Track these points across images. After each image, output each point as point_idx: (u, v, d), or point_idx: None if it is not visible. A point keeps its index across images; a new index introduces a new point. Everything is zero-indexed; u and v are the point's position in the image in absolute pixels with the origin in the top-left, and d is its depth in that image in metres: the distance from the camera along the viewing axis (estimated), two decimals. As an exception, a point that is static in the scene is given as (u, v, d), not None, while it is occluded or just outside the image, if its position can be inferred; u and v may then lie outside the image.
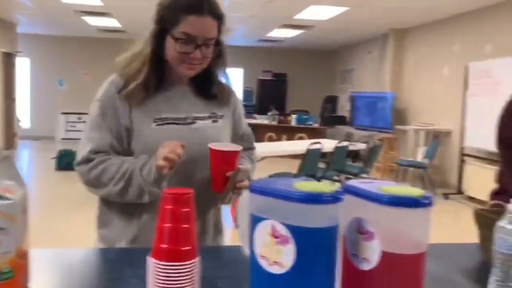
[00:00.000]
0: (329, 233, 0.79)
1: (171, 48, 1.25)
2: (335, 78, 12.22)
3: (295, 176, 4.82)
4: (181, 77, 1.34)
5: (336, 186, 0.81)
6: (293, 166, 4.91)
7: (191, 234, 0.78)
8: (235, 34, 10.09)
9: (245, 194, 0.84)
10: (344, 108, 10.99)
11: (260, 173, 1.49)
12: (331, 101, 11.72)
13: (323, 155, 5.37)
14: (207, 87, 1.39)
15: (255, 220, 0.82)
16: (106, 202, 1.32)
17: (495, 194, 1.38)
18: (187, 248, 0.77)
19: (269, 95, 12.12)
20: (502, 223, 0.92)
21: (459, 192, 6.45)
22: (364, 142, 7.37)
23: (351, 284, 0.86)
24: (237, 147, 1.32)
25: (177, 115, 1.32)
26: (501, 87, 5.47)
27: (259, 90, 12.49)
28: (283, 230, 0.78)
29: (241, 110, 1.54)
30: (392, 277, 0.80)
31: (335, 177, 5.68)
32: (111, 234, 1.32)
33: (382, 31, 8.96)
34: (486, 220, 1.10)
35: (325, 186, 0.79)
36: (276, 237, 0.79)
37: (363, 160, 6.32)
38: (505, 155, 1.43)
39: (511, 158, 1.41)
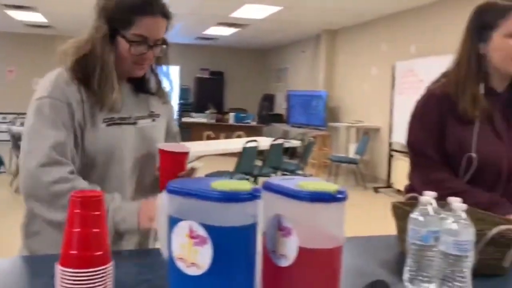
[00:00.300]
0: (247, 231, 0.79)
1: (123, 50, 1.21)
2: (271, 77, 12.37)
3: (232, 174, 4.82)
4: (123, 75, 1.28)
5: (253, 185, 0.81)
6: (231, 165, 4.91)
7: (102, 239, 0.75)
8: (171, 31, 9.90)
9: (163, 196, 0.82)
10: (281, 106, 11.15)
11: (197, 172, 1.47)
12: (268, 99, 11.85)
13: (260, 152, 5.41)
14: (146, 84, 1.36)
15: (173, 222, 0.80)
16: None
17: (409, 189, 1.46)
18: (98, 253, 0.74)
19: (207, 93, 12.03)
20: (414, 215, 0.96)
21: (388, 185, 6.77)
22: (299, 140, 7.53)
23: (270, 282, 0.87)
24: (186, 148, 1.29)
25: (121, 115, 1.27)
26: (424, 85, 5.72)
27: (197, 88, 12.37)
28: (200, 231, 0.76)
29: (173, 108, 1.51)
30: (309, 272, 0.81)
31: (272, 174, 5.75)
32: (41, 245, 1.24)
33: (315, 32, 9.19)
34: (402, 212, 1.15)
35: (242, 185, 0.79)
36: (193, 238, 0.77)
37: (299, 157, 6.45)
38: (411, 157, 1.53)
39: (416, 161, 1.51)
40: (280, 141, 5.54)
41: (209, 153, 5.34)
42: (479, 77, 1.41)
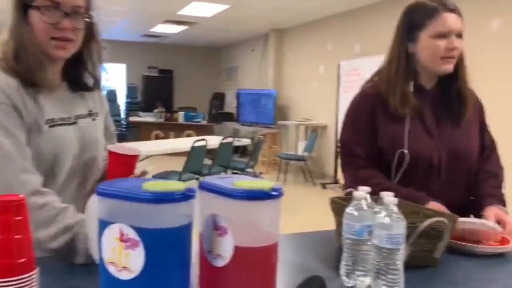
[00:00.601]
0: (181, 232, 0.77)
1: (36, 22, 1.11)
2: (222, 75, 12.33)
3: (180, 173, 4.76)
4: (56, 72, 1.21)
5: (187, 184, 0.79)
6: (180, 164, 4.85)
7: (26, 245, 0.71)
8: (117, 28, 9.65)
9: (93, 198, 0.79)
10: (231, 105, 11.14)
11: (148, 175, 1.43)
12: (218, 98, 11.81)
13: (210, 151, 5.38)
14: (81, 80, 1.27)
15: (103, 225, 0.77)
16: None
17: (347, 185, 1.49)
18: (21, 261, 0.70)
19: (155, 92, 11.80)
20: (349, 209, 0.98)
21: (335, 181, 6.93)
22: (249, 138, 7.55)
23: (207, 282, 0.85)
24: (137, 151, 1.24)
25: (61, 115, 1.20)
26: (368, 84, 5.96)
27: (145, 86, 12.11)
28: (132, 234, 0.74)
29: (107, 105, 1.45)
30: (245, 271, 0.81)
31: (222, 173, 5.74)
32: None
33: (264, 31, 9.25)
34: (339, 207, 1.18)
35: (175, 185, 0.77)
36: (124, 241, 0.75)
37: (249, 155, 6.47)
38: (341, 155, 1.58)
39: (346, 159, 1.56)
40: (229, 139, 5.53)
41: (158, 153, 5.25)
42: (408, 75, 1.46)
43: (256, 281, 0.82)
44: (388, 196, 0.94)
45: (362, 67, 6.22)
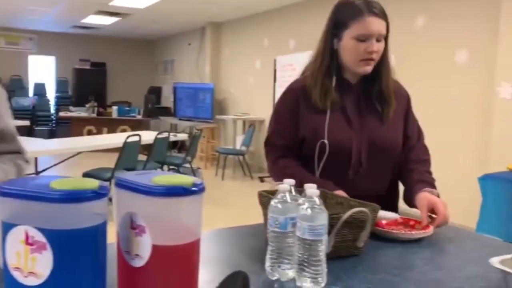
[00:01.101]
0: (93, 233, 0.73)
1: None
2: (158, 69, 12.06)
3: (113, 171, 4.60)
4: None
5: (100, 182, 0.75)
6: (114, 161, 4.68)
7: None
8: (46, 18, 9.12)
9: None
10: (168, 99, 10.92)
11: (74, 170, 1.34)
12: (155, 92, 11.53)
13: (146, 147, 5.24)
14: None
15: (6, 228, 0.71)
16: None
17: None
18: None
19: (87, 85, 11.31)
20: (273, 202, 0.98)
21: (273, 175, 7.00)
22: (187, 133, 7.43)
23: (126, 284, 0.82)
24: None
25: None
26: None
27: (76, 80, 11.57)
28: (38, 236, 0.69)
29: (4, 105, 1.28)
30: (165, 271, 0.78)
31: (158, 169, 5.61)
32: None
33: (200, 24, 9.14)
34: (267, 200, 1.17)
35: (86, 183, 0.73)
36: (30, 244, 0.70)
37: (186, 150, 6.38)
38: (265, 147, 1.63)
39: (266, 148, 1.61)
40: (165, 134, 5.41)
41: (90, 149, 5.04)
42: (331, 70, 1.49)
43: (177, 280, 0.79)
44: (311, 188, 0.95)
45: (297, 62, 6.32)
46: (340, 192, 1.39)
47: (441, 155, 4.46)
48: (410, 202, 1.48)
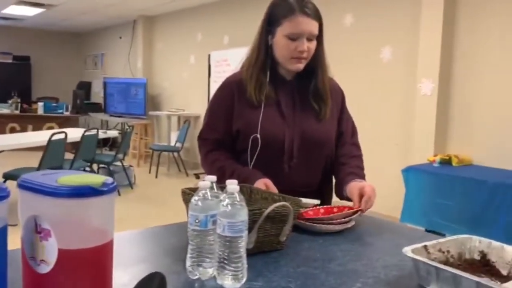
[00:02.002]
0: (-10, 239, 0.68)
1: None
2: (87, 63, 11.54)
3: (37, 170, 4.34)
4: None
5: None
6: (39, 159, 4.42)
7: None
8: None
9: None
10: (98, 95, 10.50)
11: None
12: (84, 87, 11.02)
13: (75, 145, 5.00)
14: None
15: None
16: None
17: None
18: None
19: (10, 80, 10.57)
20: (193, 200, 0.96)
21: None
22: (118, 129, 7.19)
23: (31, 292, 0.76)
24: None
25: None
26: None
27: (-4, 74, 10.79)
28: None
29: None
30: (74, 276, 0.73)
31: (87, 168, 5.38)
32: None
33: (132, 17, 8.86)
34: (190, 198, 1.15)
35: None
36: None
37: (118, 148, 6.17)
38: (198, 142, 1.65)
39: (198, 141, 1.63)
40: (93, 131, 5.19)
41: (12, 148, 4.73)
42: (266, 65, 1.51)
43: (87, 285, 0.75)
44: (232, 184, 0.94)
45: (232, 58, 6.31)
46: (266, 181, 1.40)
47: (368, 149, 4.65)
48: (341, 194, 1.53)
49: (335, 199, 1.62)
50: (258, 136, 1.47)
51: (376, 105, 4.72)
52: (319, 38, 1.50)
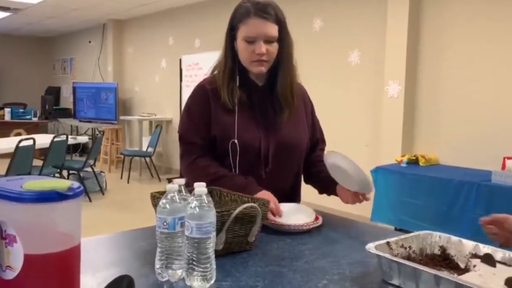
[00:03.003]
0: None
1: None
2: (56, 68, 11.32)
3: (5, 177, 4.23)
4: None
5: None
6: (5, 167, 4.31)
7: None
8: None
9: None
10: (68, 100, 10.29)
11: None
12: (53, 92, 10.79)
13: (44, 151, 4.89)
14: None
15: None
16: None
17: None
18: None
19: (-26, 86, 10.29)
20: (161, 203, 0.97)
21: (181, 175, 6.91)
22: (88, 135, 7.07)
23: (-4, 298, 0.76)
24: None
25: None
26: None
27: (-41, 80, 10.45)
28: None
29: None
30: (40, 282, 0.74)
31: (57, 175, 5.27)
32: None
33: (101, 21, 8.74)
34: (159, 201, 1.16)
35: None
36: None
37: (88, 153, 6.07)
38: (180, 147, 1.62)
39: (183, 150, 1.59)
40: (63, 137, 5.10)
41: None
42: (235, 72, 1.53)
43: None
44: (200, 187, 0.95)
45: (203, 61, 6.31)
46: (265, 194, 1.41)
47: (339, 150, 4.72)
48: (330, 191, 1.58)
49: (304, 200, 1.65)
50: (236, 141, 1.48)
51: (346, 107, 4.80)
52: (282, 41, 1.50)
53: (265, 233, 1.29)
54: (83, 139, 6.22)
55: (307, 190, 1.70)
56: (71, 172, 5.79)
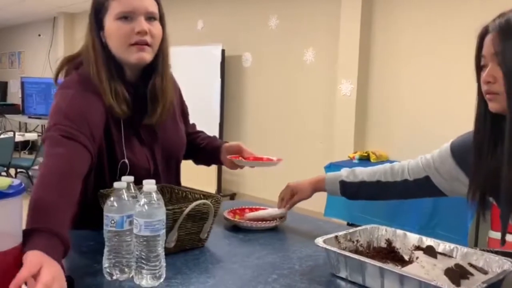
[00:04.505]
0: None
1: None
2: (3, 61, 10.80)
3: None
4: None
5: None
6: None
7: None
8: None
9: None
10: (16, 96, 9.85)
11: None
12: (0, 87, 10.30)
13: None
14: None
15: None
16: None
17: None
18: None
19: None
20: (109, 201, 0.95)
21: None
22: (38, 132, 6.79)
23: None
24: None
25: None
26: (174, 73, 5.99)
27: None
28: None
29: None
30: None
31: (3, 173, 5.04)
32: None
33: (52, 14, 8.42)
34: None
35: None
36: None
37: (37, 151, 5.83)
38: None
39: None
40: (10, 134, 4.88)
41: None
42: (110, 67, 1.22)
43: (-7, 291, 0.72)
44: (150, 184, 0.94)
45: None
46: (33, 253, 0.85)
47: (294, 147, 4.80)
48: (216, 160, 1.51)
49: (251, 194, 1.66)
50: (126, 161, 1.24)
51: (301, 105, 4.87)
52: (163, 25, 1.26)
53: (218, 229, 1.29)
54: (32, 136, 5.98)
55: (262, 186, 1.71)
56: (19, 170, 5.56)
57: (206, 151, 1.53)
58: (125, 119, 1.25)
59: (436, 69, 3.86)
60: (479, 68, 1.02)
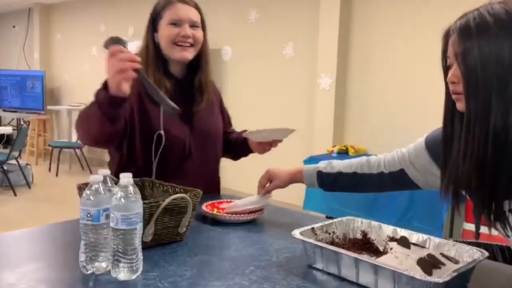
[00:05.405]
0: None
1: None
2: (-25, 53, 10.51)
3: None
4: None
5: None
6: None
7: None
8: None
9: None
10: (-11, 88, 9.61)
11: None
12: (-28, 80, 10.03)
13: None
14: None
15: None
16: None
17: None
18: None
19: None
20: (85, 194, 0.94)
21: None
22: (13, 125, 6.64)
23: None
24: None
25: None
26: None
27: None
28: None
29: None
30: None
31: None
32: None
33: (27, 5, 8.23)
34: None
35: None
36: None
37: (12, 145, 5.71)
38: None
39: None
40: (-17, 128, 4.76)
41: None
42: (158, 63, 1.53)
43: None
44: (127, 177, 0.94)
45: (137, 49, 6.13)
46: None
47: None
48: (247, 149, 1.68)
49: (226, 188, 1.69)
50: (162, 133, 1.48)
51: (281, 99, 4.89)
52: (204, 31, 1.59)
53: (196, 223, 1.29)
54: (6, 129, 5.85)
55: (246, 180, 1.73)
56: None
57: (237, 144, 1.73)
58: None
59: (413, 64, 3.92)
60: (445, 68, 1.04)
